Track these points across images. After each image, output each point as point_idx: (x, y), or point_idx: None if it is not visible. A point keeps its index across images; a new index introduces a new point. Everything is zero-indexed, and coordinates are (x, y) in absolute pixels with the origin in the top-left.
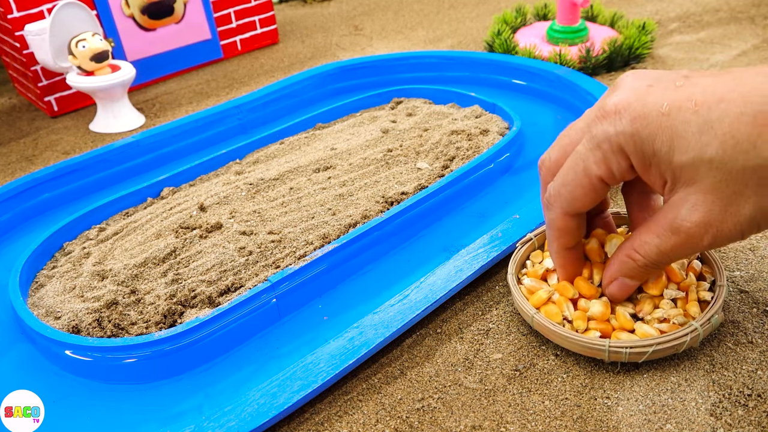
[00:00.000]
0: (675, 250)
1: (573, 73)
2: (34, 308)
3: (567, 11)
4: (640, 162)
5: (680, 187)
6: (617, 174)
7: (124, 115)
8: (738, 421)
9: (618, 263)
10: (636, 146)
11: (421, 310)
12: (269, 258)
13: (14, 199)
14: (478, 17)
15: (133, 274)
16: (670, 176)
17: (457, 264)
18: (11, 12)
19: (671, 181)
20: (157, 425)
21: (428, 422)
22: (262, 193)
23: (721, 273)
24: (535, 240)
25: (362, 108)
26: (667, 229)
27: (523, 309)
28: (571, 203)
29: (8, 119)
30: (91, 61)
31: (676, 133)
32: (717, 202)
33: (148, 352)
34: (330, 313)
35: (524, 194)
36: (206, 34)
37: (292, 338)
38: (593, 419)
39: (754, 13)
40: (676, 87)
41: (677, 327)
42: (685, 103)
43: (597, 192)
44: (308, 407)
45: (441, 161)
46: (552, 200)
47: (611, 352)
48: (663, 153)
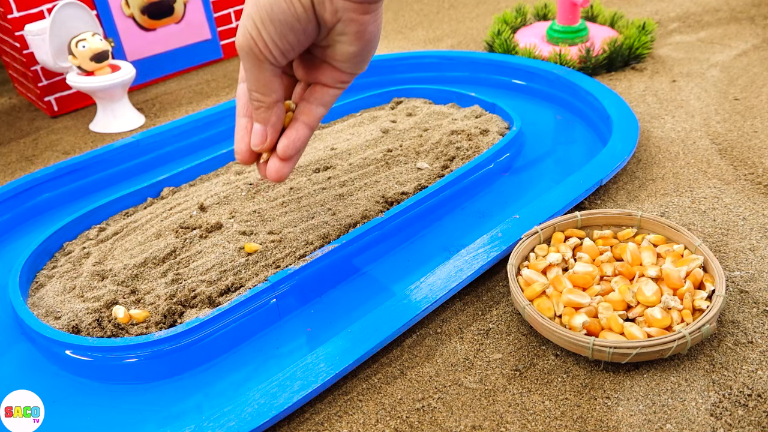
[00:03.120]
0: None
1: (573, 73)
2: (34, 308)
3: (567, 11)
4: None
5: None
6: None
7: (124, 115)
8: (738, 421)
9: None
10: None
11: (421, 310)
12: (269, 258)
13: (14, 199)
14: (478, 17)
15: (133, 274)
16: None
17: (457, 264)
18: (11, 12)
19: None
20: (157, 425)
21: (428, 422)
22: (262, 193)
23: (722, 283)
24: (540, 233)
25: (362, 108)
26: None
27: (516, 300)
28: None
29: (8, 119)
30: (91, 61)
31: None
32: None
33: (148, 352)
34: (330, 313)
35: (524, 194)
36: (206, 34)
37: (292, 338)
38: (593, 419)
39: (754, 13)
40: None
41: (665, 332)
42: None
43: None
44: (308, 407)
45: (441, 161)
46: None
47: (595, 350)
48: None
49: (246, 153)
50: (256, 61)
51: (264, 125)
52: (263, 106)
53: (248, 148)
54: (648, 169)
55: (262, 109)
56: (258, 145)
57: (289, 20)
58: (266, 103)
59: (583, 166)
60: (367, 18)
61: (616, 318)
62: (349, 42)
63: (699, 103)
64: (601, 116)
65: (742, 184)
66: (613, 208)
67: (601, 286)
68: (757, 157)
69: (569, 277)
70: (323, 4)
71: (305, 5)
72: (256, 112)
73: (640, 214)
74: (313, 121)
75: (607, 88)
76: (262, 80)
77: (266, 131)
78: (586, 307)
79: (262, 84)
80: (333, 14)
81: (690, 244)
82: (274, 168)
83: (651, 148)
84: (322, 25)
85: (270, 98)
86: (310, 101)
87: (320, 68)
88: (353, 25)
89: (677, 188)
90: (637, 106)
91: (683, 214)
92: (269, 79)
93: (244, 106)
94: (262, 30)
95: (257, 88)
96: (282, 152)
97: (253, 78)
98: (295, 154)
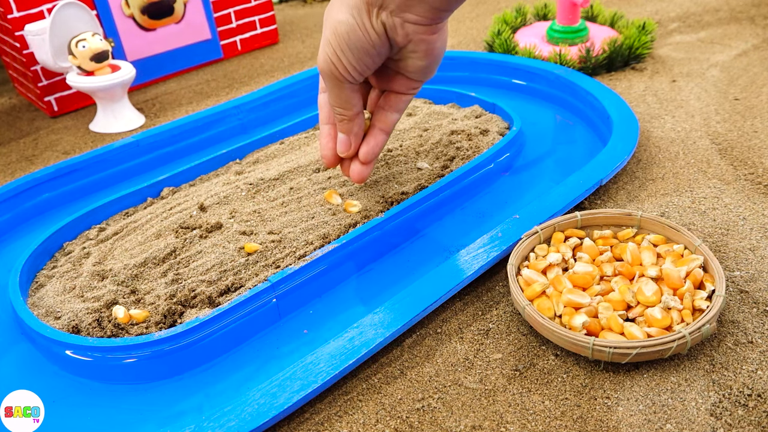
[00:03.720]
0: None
1: (573, 73)
2: (34, 308)
3: (567, 11)
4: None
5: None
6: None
7: (124, 115)
8: (738, 421)
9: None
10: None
11: (421, 310)
12: (269, 258)
13: (14, 199)
14: (478, 17)
15: (133, 274)
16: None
17: (457, 264)
18: (11, 12)
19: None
20: (157, 425)
21: (428, 422)
22: (262, 193)
23: (722, 283)
24: (540, 233)
25: None
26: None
27: (516, 300)
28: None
29: (8, 119)
30: (91, 61)
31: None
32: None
33: (148, 352)
34: (330, 313)
35: (524, 194)
36: (206, 34)
37: (292, 338)
38: (593, 419)
39: (754, 13)
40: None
41: (665, 332)
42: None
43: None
44: (308, 407)
45: (441, 161)
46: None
47: (595, 350)
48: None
49: (332, 158)
50: (337, 82)
51: (348, 135)
52: (346, 118)
53: (333, 153)
54: (648, 169)
55: (345, 121)
56: (343, 152)
57: (365, 46)
58: (348, 116)
59: (583, 166)
60: (434, 37)
61: (616, 318)
62: (419, 58)
63: (699, 103)
64: (601, 116)
65: (742, 184)
66: (613, 208)
67: (601, 286)
68: (757, 157)
69: (569, 277)
70: (395, 29)
71: (379, 33)
72: (340, 124)
73: (640, 214)
74: (389, 127)
75: (607, 88)
76: (343, 97)
77: (350, 140)
78: (586, 307)
79: (343, 100)
80: (404, 37)
81: (690, 244)
82: (356, 171)
83: (651, 148)
84: (394, 46)
85: (351, 111)
86: (386, 108)
87: (393, 78)
88: (423, 45)
89: (677, 188)
90: (637, 106)
91: (683, 214)
92: (349, 96)
93: (327, 115)
94: (341, 56)
95: (339, 104)
96: (363, 158)
97: (335, 95)
98: (374, 158)
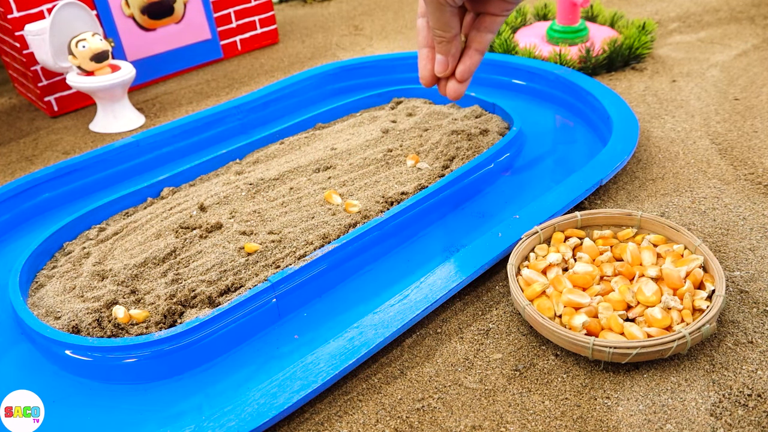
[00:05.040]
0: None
1: (573, 73)
2: (34, 308)
3: (567, 11)
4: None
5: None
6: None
7: (124, 115)
8: (738, 421)
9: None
10: None
11: (421, 310)
12: (269, 258)
13: (14, 199)
14: None
15: (133, 274)
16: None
17: (457, 264)
18: (11, 12)
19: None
20: (157, 425)
21: (428, 422)
22: (262, 193)
23: (722, 283)
24: (540, 233)
25: (362, 108)
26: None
27: (516, 300)
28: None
29: (8, 119)
30: (91, 61)
31: None
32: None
33: (148, 352)
34: (330, 313)
35: (524, 194)
36: (206, 34)
37: (292, 338)
38: (593, 419)
39: (754, 13)
40: None
41: (665, 332)
42: None
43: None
44: (308, 407)
45: (441, 161)
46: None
47: (595, 350)
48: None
49: (429, 78)
50: (438, 5)
51: (446, 56)
52: (445, 40)
53: (431, 74)
54: (648, 169)
55: (444, 42)
56: (441, 72)
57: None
58: (447, 37)
59: (583, 166)
60: None
61: (616, 318)
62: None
63: (699, 103)
64: (601, 116)
65: (742, 184)
66: (613, 208)
67: (601, 286)
68: (757, 157)
69: (569, 277)
70: None
71: None
72: (439, 46)
73: (640, 214)
74: (484, 47)
75: (607, 88)
76: (443, 20)
77: (447, 60)
78: (586, 307)
79: (443, 23)
80: None
81: (690, 244)
82: (453, 88)
83: (651, 148)
84: None
85: (450, 33)
86: (480, 29)
87: (488, 1)
88: None
89: (677, 188)
90: (637, 106)
91: (683, 214)
92: (449, 19)
93: (425, 38)
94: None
95: (439, 26)
96: (460, 76)
97: (435, 19)
98: (470, 76)
